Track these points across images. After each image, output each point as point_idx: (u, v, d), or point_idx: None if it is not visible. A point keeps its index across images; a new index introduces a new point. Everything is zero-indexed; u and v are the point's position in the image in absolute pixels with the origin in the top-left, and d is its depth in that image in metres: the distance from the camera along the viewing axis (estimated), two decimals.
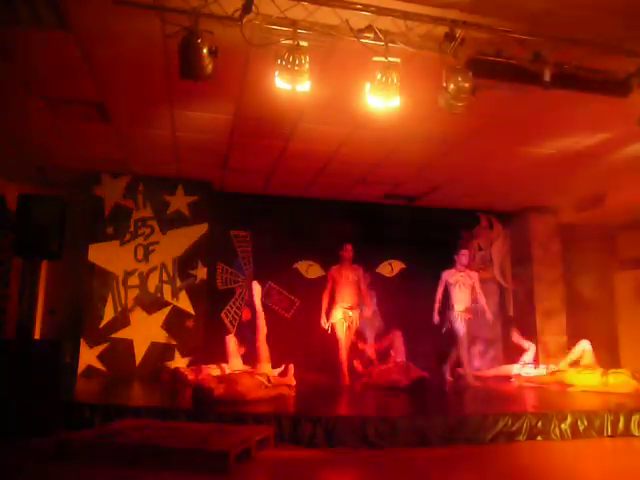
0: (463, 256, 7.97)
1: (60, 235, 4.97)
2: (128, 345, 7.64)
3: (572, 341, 8.66)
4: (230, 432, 4.08)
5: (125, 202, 8.07)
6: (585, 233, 9.63)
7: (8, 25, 4.16)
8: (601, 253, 10.15)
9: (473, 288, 7.90)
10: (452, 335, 7.79)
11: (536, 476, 3.92)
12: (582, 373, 7.32)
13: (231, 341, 7.68)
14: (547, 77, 4.16)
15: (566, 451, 4.55)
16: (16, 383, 4.44)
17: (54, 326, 7.84)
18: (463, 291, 7.83)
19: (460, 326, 7.67)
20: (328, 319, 7.76)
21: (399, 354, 7.86)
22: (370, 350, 8.37)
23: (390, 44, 3.94)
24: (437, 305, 7.78)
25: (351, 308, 7.85)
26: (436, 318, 7.73)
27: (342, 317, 7.76)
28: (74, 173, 7.97)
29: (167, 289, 7.99)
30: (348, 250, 8.02)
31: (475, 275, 8.05)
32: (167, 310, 7.91)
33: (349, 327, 7.78)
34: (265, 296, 9.13)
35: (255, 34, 4.01)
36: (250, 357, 7.47)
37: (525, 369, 8.31)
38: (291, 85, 4.01)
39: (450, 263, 8.10)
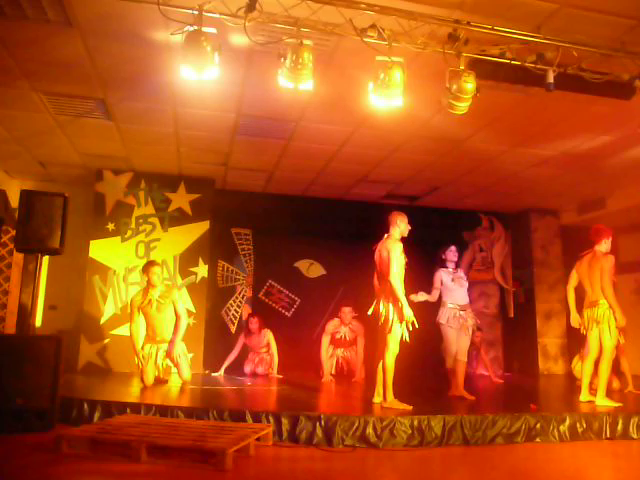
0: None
1: (61, 231, 4.96)
2: (128, 342, 7.63)
3: (572, 342, 8.65)
4: (228, 429, 4.08)
5: (126, 199, 8.09)
6: (586, 235, 9.63)
7: (12, 20, 4.16)
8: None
9: None
10: None
11: (534, 478, 3.91)
12: None
13: None
14: (550, 79, 4.16)
15: (564, 453, 4.55)
16: (16, 378, 4.44)
17: (54, 321, 7.84)
18: None
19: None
20: None
21: None
22: None
23: (394, 44, 3.94)
24: None
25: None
26: None
27: None
28: (76, 169, 7.99)
29: None
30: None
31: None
32: None
33: None
34: (266, 294, 9.16)
35: (258, 32, 4.02)
36: None
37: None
38: (294, 84, 4.01)
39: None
